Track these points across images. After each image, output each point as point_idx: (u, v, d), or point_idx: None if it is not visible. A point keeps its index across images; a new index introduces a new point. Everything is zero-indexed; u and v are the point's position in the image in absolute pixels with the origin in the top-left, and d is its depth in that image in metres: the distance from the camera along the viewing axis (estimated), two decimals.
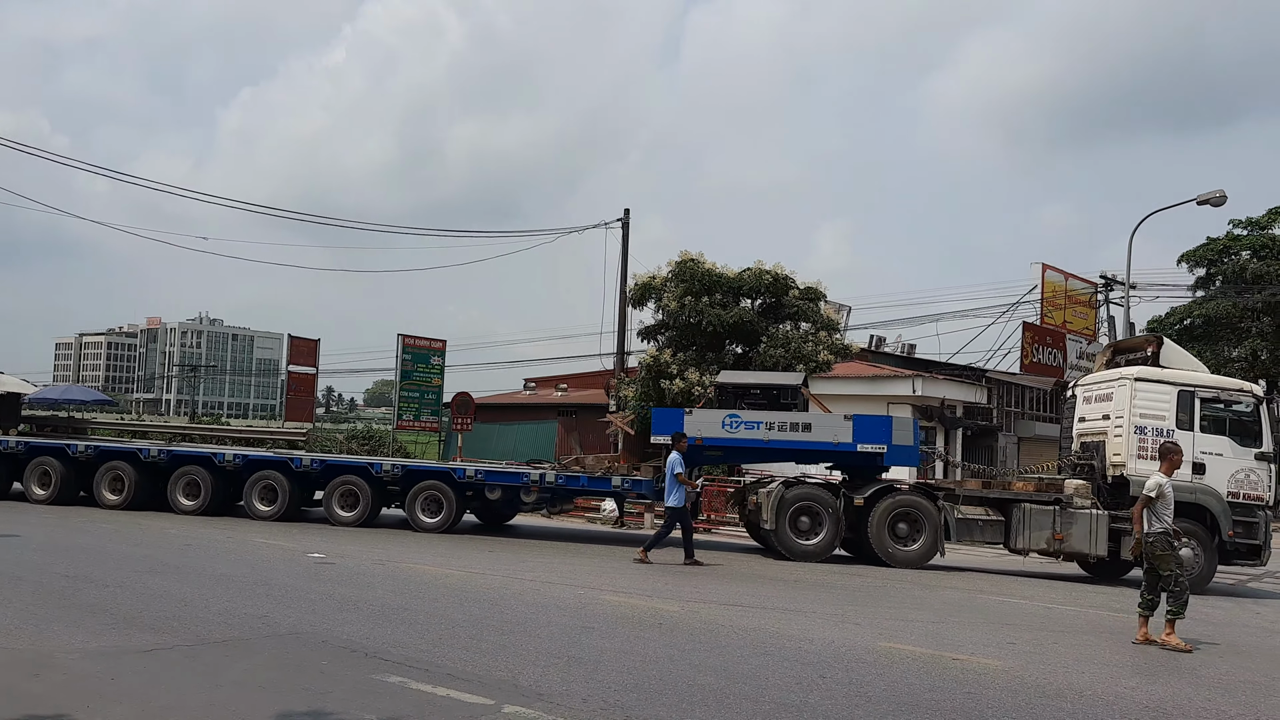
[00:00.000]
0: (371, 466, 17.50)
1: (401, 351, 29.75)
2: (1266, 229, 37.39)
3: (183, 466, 17.92)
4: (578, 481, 17.27)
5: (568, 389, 40.28)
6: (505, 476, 17.44)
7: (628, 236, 29.77)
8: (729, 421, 16.21)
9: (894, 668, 7.77)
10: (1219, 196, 24.52)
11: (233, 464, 17.74)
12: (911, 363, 31.47)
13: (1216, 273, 38.14)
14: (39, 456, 18.34)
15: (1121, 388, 15.46)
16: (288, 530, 16.14)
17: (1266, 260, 36.52)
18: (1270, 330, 36.17)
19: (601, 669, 7.04)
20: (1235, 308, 35.92)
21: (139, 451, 18.11)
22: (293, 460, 17.74)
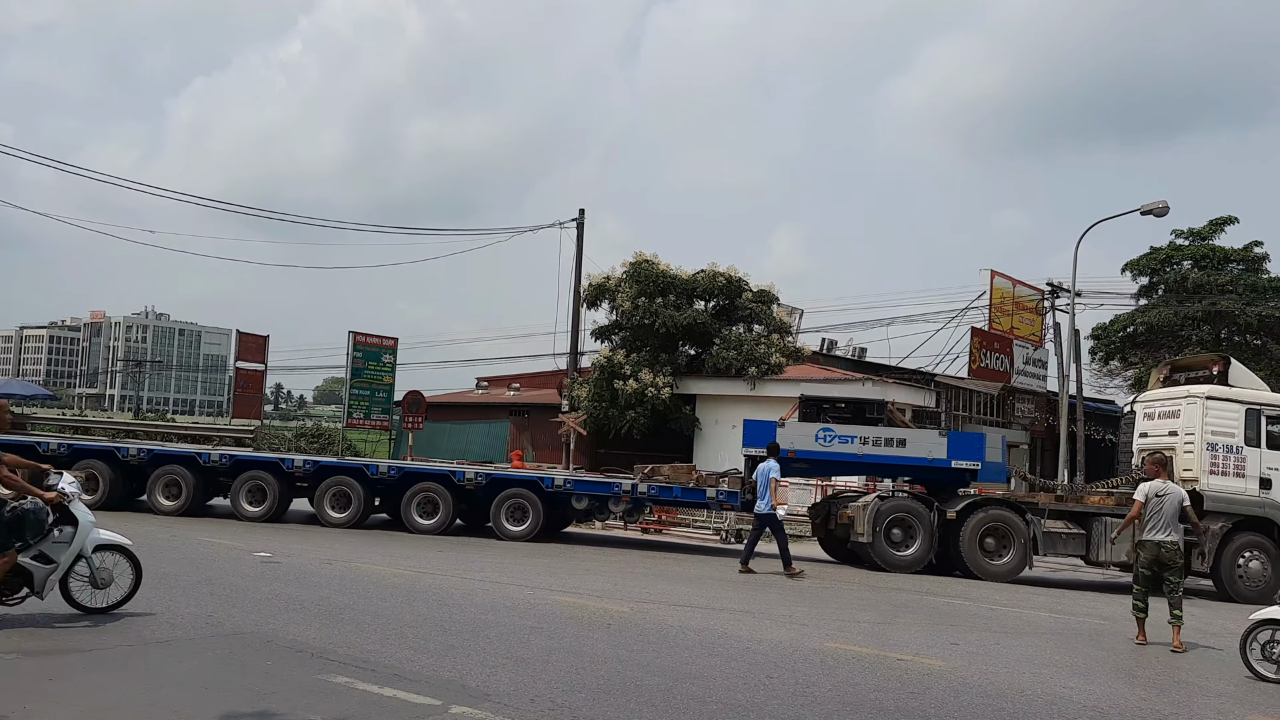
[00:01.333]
0: (454, 475, 17.31)
1: (352, 349, 29.47)
2: (1207, 240, 38.33)
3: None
4: (671, 492, 17.12)
5: (520, 389, 40.12)
6: (595, 486, 17.27)
7: (582, 236, 29.76)
8: (823, 435, 16.56)
9: (840, 668, 7.87)
10: (1161, 207, 25.07)
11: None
12: (862, 366, 31.78)
13: (1159, 281, 39.01)
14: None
15: (1191, 405, 15.97)
16: (233, 529, 15.91)
17: (1207, 270, 37.43)
18: (1210, 339, 37.06)
19: (549, 669, 7.04)
20: (1176, 316, 36.76)
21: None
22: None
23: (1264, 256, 37.81)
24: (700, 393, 28.96)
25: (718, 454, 28.60)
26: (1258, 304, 35.51)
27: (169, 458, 17.61)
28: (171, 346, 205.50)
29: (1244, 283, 36.53)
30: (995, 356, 32.58)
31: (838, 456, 16.55)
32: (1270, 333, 36.14)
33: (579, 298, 29.64)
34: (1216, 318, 36.23)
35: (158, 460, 17.56)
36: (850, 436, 16.46)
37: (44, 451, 17.47)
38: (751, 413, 28.16)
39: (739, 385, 27.94)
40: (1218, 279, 36.78)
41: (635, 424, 27.50)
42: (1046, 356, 34.68)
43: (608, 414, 27.96)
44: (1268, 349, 36.59)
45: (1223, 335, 37.49)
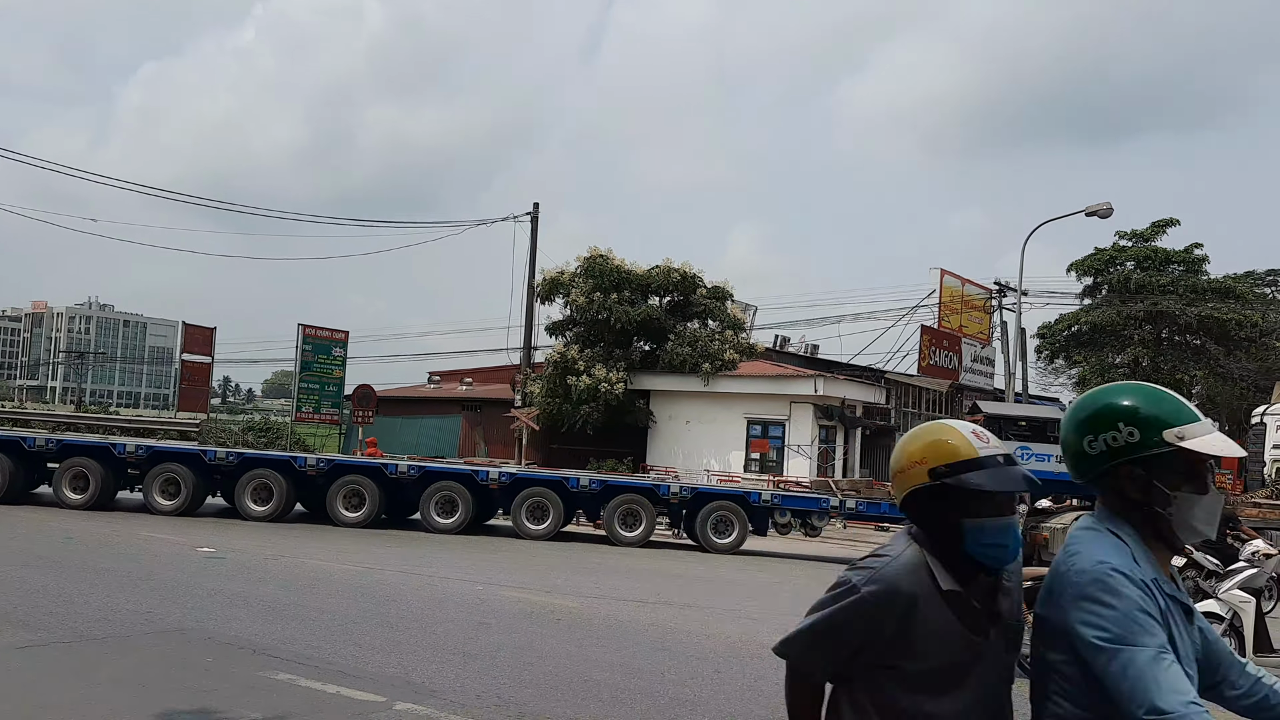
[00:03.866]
0: (567, 481, 17.22)
1: (302, 342, 29.07)
2: (1150, 241, 39.13)
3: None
4: (879, 508, 17.23)
5: (473, 383, 39.85)
6: (800, 501, 17.39)
7: (536, 231, 29.64)
8: (1019, 453, 16.84)
9: None
10: (1106, 209, 25.53)
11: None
12: (814, 363, 32.03)
13: (1103, 282, 39.76)
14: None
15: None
16: (177, 524, 15.59)
17: (1149, 271, 38.21)
18: (1151, 338, 37.88)
19: (497, 665, 7.00)
20: (1120, 316, 37.49)
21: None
22: (568, 481, 17.18)
23: (1203, 259, 38.70)
24: (654, 388, 28.98)
25: (671, 449, 28.71)
26: (1197, 304, 36.33)
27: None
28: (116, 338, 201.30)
29: (1184, 284, 37.35)
30: (944, 354, 33.01)
31: (1033, 474, 16.92)
32: (1209, 333, 37.00)
33: (533, 292, 29.51)
34: (1158, 317, 37.00)
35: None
36: (1047, 455, 16.88)
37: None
38: (705, 409, 28.37)
39: (693, 381, 28.01)
40: (1159, 280, 37.57)
41: (589, 420, 27.45)
42: (994, 355, 35.20)
43: (561, 409, 27.88)
44: (1206, 349, 37.47)
45: (1164, 335, 38.33)
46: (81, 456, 16.64)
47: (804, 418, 27.43)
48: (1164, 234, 39.05)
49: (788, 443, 27.62)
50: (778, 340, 34.11)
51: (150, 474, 16.61)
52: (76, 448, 16.91)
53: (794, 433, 27.53)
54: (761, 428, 28.08)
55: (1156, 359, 38.02)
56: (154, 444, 17.66)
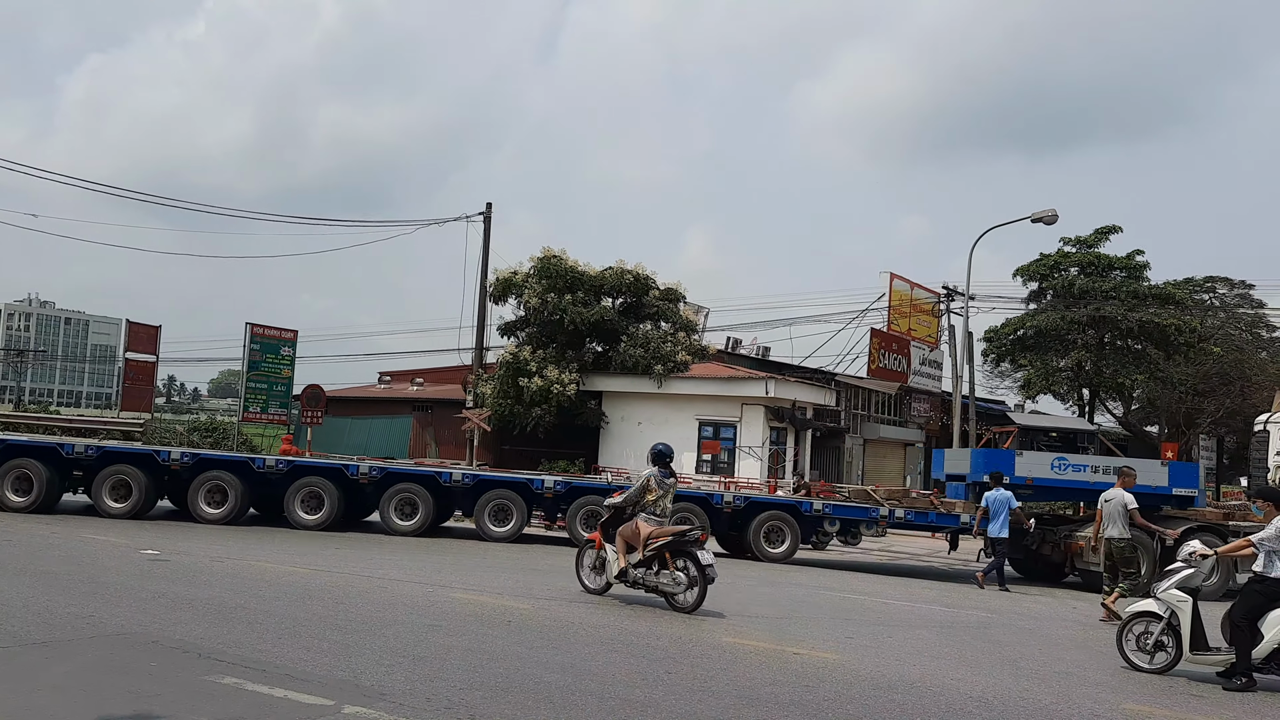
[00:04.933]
0: (711, 498, 17.33)
1: (249, 341, 28.63)
2: (1093, 248, 39.93)
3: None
4: (927, 517, 17.49)
5: (424, 384, 39.58)
6: (851, 510, 17.53)
7: (489, 230, 29.50)
8: (1058, 464, 17.54)
9: (738, 662, 7.97)
10: (1051, 215, 26.03)
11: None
12: (766, 365, 32.28)
13: (1048, 287, 40.47)
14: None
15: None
16: (122, 526, 15.29)
17: (1092, 277, 38.98)
18: (1094, 342, 38.64)
19: (447, 668, 6.97)
20: (1063, 320, 38.20)
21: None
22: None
23: (1144, 265, 39.55)
24: (607, 389, 29.01)
25: (624, 450, 28.72)
26: (1138, 310, 37.13)
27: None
28: (57, 336, 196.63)
29: (1126, 289, 38.16)
30: (893, 357, 33.43)
31: (1070, 484, 17.51)
32: (1149, 337, 37.84)
33: (485, 293, 29.38)
34: (1101, 322, 37.76)
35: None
36: (1083, 465, 17.48)
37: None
38: (658, 410, 28.44)
39: (645, 382, 28.07)
40: (1102, 285, 38.34)
41: (541, 421, 27.39)
42: (941, 358, 35.74)
43: (513, 410, 27.79)
44: (1147, 353, 38.31)
45: (1106, 339, 39.12)
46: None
47: (755, 419, 27.62)
48: (1107, 240, 39.87)
49: (739, 444, 27.79)
50: (730, 342, 34.32)
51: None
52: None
53: (745, 434, 27.71)
54: (713, 429, 28.22)
55: (1099, 363, 38.81)
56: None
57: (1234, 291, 46.03)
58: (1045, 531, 18.00)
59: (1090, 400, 42.54)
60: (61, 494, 16.68)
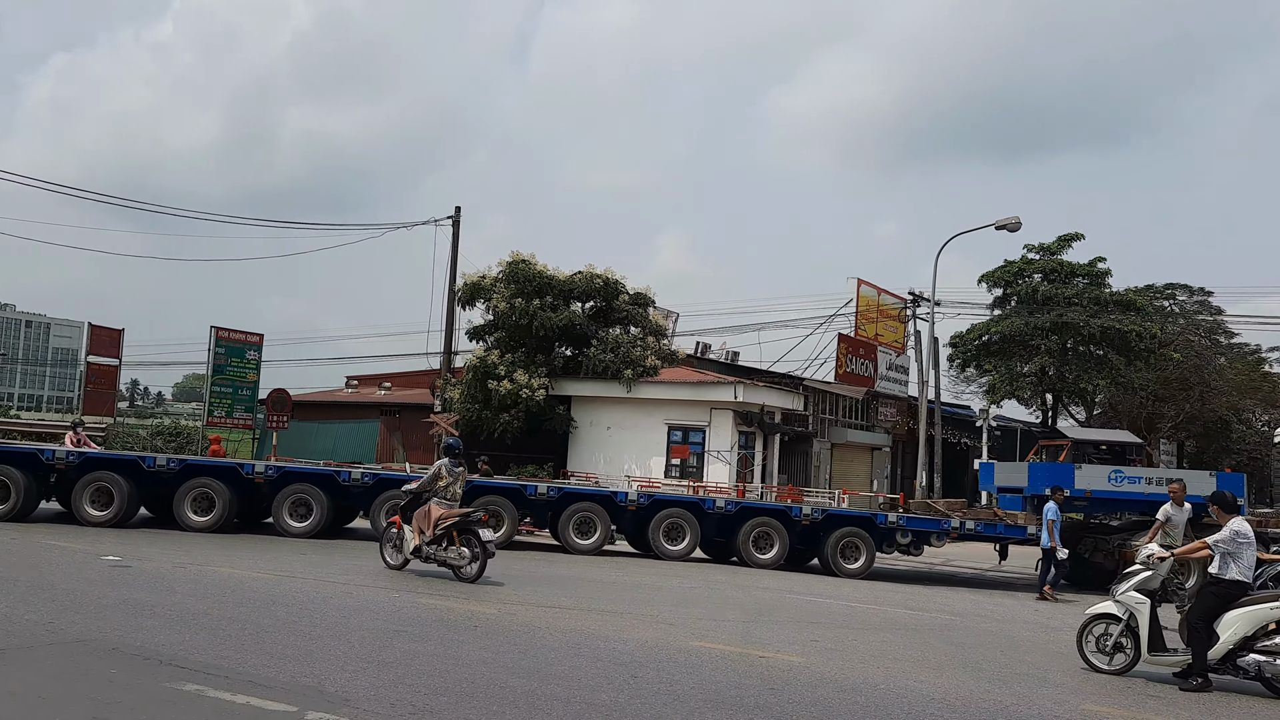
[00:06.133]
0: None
1: (215, 344, 28.39)
2: (1056, 255, 40.45)
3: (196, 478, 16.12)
4: (995, 529, 17.86)
5: (392, 388, 39.38)
6: (923, 523, 17.90)
7: (458, 234, 29.41)
8: (1114, 476, 18.11)
9: (704, 666, 8.01)
10: (1014, 223, 26.34)
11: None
12: (734, 369, 32.38)
13: (1012, 293, 40.94)
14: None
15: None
16: (82, 532, 15.07)
17: (1055, 283, 39.49)
18: (1057, 348, 39.11)
19: (412, 673, 6.95)
20: (1027, 326, 38.65)
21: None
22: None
23: (1106, 272, 40.13)
24: (576, 394, 28.99)
25: (593, 455, 28.72)
26: (1100, 316, 37.65)
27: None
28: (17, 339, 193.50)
29: (1088, 296, 38.68)
30: (860, 362, 33.65)
31: (1125, 495, 17.93)
32: (1111, 343, 38.36)
33: (454, 297, 29.28)
34: (1063, 328, 38.23)
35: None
36: (1138, 477, 17.98)
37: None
38: (627, 415, 28.45)
39: (615, 387, 28.08)
40: (1065, 292, 38.84)
41: (509, 426, 27.32)
42: (908, 363, 36.03)
43: (481, 415, 27.69)
44: (1108, 359, 38.82)
45: (1069, 345, 39.60)
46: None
47: (724, 424, 27.71)
48: (1069, 248, 40.41)
49: (708, 449, 27.86)
50: (699, 347, 34.40)
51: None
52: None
53: (714, 439, 27.78)
54: (682, 433, 28.27)
55: (1062, 369, 39.30)
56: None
57: (1193, 298, 46.84)
58: (1097, 540, 18.41)
59: (1053, 405, 43.07)
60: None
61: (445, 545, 12.03)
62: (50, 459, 15.86)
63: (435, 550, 12.04)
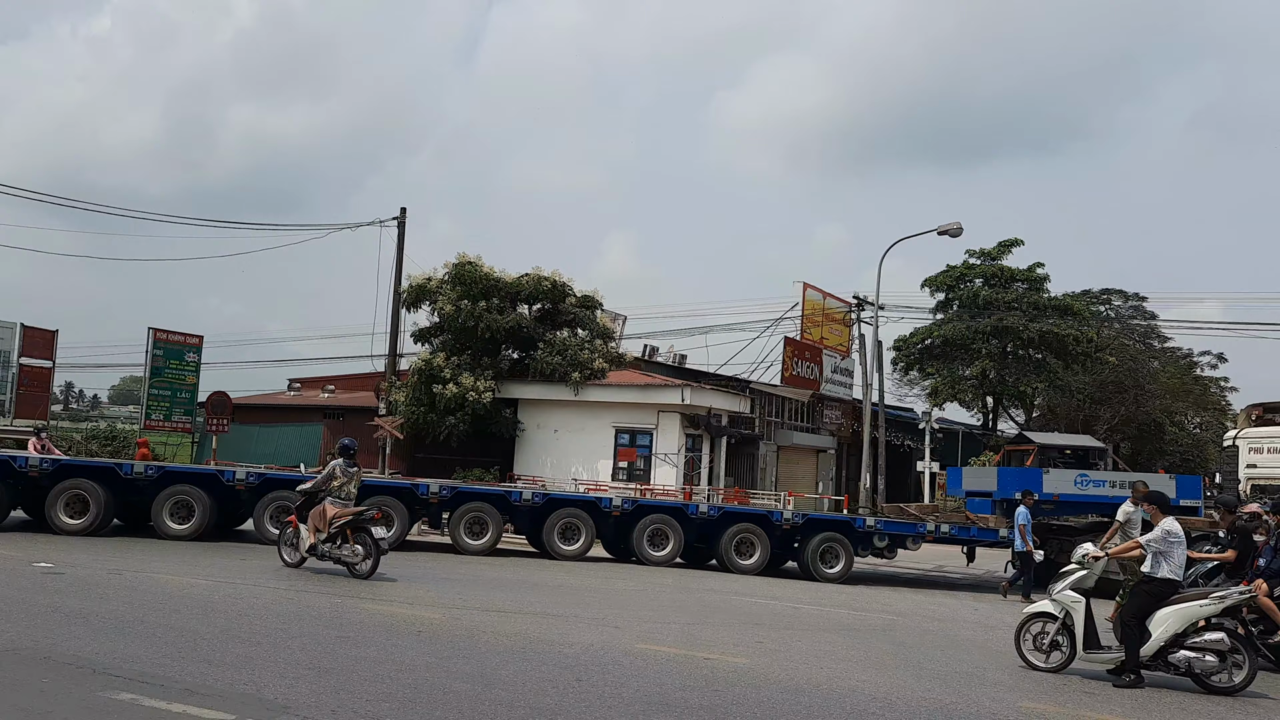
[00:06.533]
0: (771, 515, 17.72)
1: (152, 346, 27.78)
2: (997, 260, 41.24)
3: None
4: (968, 532, 18.24)
5: (335, 390, 38.89)
6: (899, 526, 18.10)
7: (403, 235, 29.13)
8: (1080, 480, 18.60)
9: (649, 669, 8.02)
10: (956, 228, 26.77)
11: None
12: (682, 372, 32.47)
13: (954, 297, 41.69)
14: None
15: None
16: (11, 539, 14.65)
17: (995, 288, 40.27)
18: (997, 351, 39.87)
19: (354, 679, 6.86)
20: (969, 330, 39.36)
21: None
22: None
23: (1045, 277, 41.04)
24: (523, 397, 28.86)
25: (540, 458, 28.62)
26: (1039, 320, 38.46)
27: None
28: None
29: (1027, 300, 39.51)
30: (806, 365, 33.96)
31: (1089, 499, 18.35)
32: (1049, 347, 39.21)
33: (399, 299, 29.00)
34: (1003, 332, 39.00)
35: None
36: (1102, 481, 18.51)
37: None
38: (574, 418, 28.40)
39: (562, 390, 28.02)
40: (1005, 296, 39.63)
41: (455, 429, 27.12)
42: (853, 366, 36.43)
43: (426, 418, 27.46)
44: (1047, 362, 39.67)
45: (1009, 349, 40.39)
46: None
47: (671, 427, 27.78)
48: (1009, 253, 41.24)
49: (655, 451, 27.91)
50: (646, 350, 34.46)
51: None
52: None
53: (661, 441, 27.84)
54: (630, 436, 28.29)
55: (1002, 372, 40.06)
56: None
57: (1128, 303, 48.05)
58: (1062, 542, 18.83)
59: (994, 408, 43.86)
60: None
61: (340, 543, 12.30)
62: (23, 467, 15.47)
63: (330, 548, 12.29)
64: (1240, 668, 8.76)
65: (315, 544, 12.37)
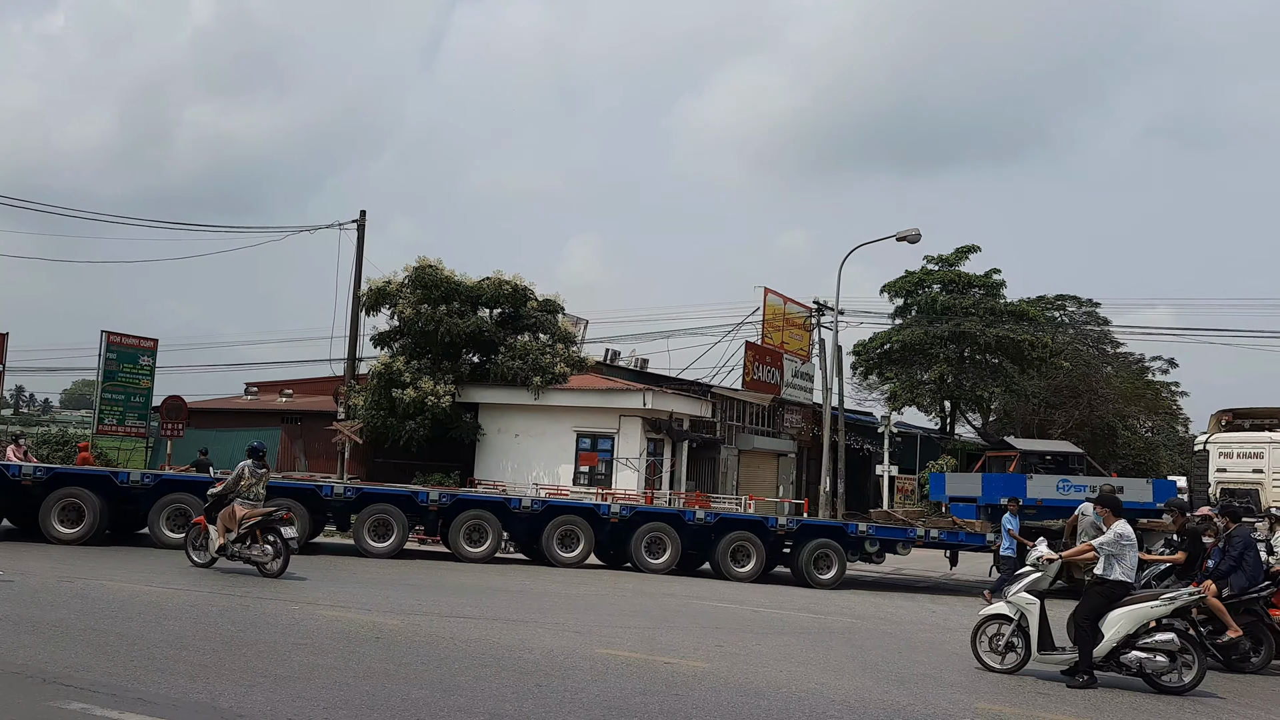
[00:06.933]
0: (766, 521, 17.87)
1: (106, 350, 27.30)
2: (954, 266, 41.71)
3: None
4: (957, 537, 18.44)
5: (293, 395, 38.43)
6: (889, 531, 18.26)
7: (363, 238, 28.88)
8: (1062, 485, 19.10)
9: (609, 673, 8.02)
10: (914, 234, 27.04)
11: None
12: (644, 377, 32.48)
13: (912, 303, 42.09)
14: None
15: (1278, 449, 19.53)
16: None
17: (953, 294, 40.73)
18: (955, 356, 40.34)
19: (311, 687, 6.79)
20: (927, 335, 39.77)
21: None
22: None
23: (1001, 283, 41.56)
24: (483, 401, 28.72)
25: (500, 463, 28.50)
26: (995, 326, 38.96)
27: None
28: None
29: (984, 306, 39.99)
30: (767, 370, 34.13)
31: (1072, 504, 18.28)
32: (1005, 352, 39.72)
33: (358, 302, 28.75)
34: (961, 338, 39.46)
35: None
36: (1083, 486, 18.83)
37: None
38: (535, 422, 28.31)
39: (523, 394, 27.91)
40: (962, 302, 40.08)
41: (415, 434, 26.92)
42: (813, 371, 36.67)
43: (386, 423, 27.23)
44: (1003, 367, 40.20)
45: (966, 354, 40.87)
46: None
47: (633, 431, 27.78)
48: (967, 259, 41.71)
49: (617, 455, 27.90)
50: (608, 354, 34.43)
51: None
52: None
53: (623, 446, 27.83)
54: (591, 441, 28.25)
55: (960, 376, 40.52)
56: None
57: (1082, 309, 48.87)
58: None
59: (951, 412, 44.35)
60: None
61: (249, 543, 12.50)
62: (16, 475, 15.25)
63: (240, 548, 12.48)
64: (1190, 668, 8.93)
65: (225, 544, 12.52)
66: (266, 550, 12.48)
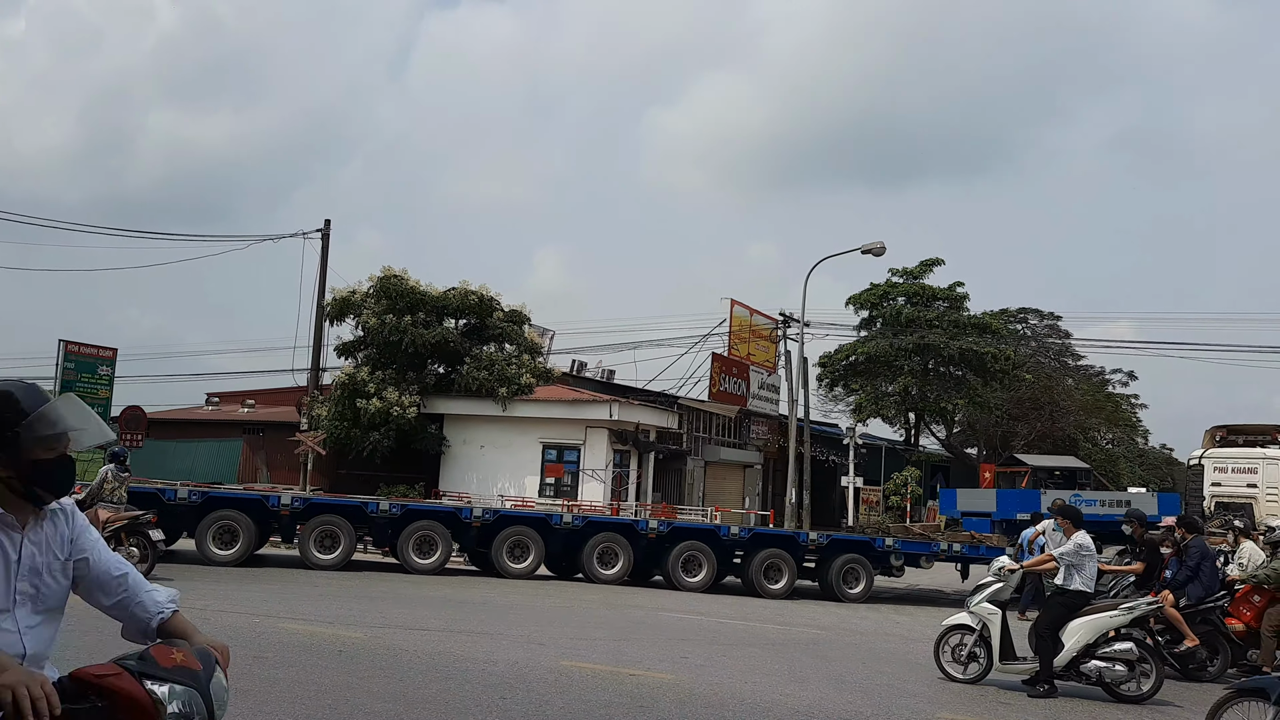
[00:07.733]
0: (798, 537, 18.13)
1: (63, 359, 26.86)
2: (919, 279, 42.15)
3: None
4: (977, 550, 18.60)
5: (256, 405, 38.02)
6: (915, 545, 18.60)
7: (327, 248, 28.69)
8: (1074, 499, 19.09)
9: (574, 686, 7.98)
10: (879, 247, 27.31)
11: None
12: (610, 388, 32.49)
13: (878, 315, 42.46)
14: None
15: (1272, 465, 19.77)
16: None
17: (917, 306, 41.15)
18: (919, 369, 40.71)
19: (270, 701, 6.70)
20: (892, 348, 40.12)
21: None
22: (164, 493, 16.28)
23: (965, 296, 42.07)
24: (449, 412, 28.57)
25: (465, 474, 28.33)
26: (959, 338, 39.39)
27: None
28: None
29: (948, 319, 40.44)
30: (733, 381, 34.24)
31: (1085, 517, 19.14)
32: (969, 364, 40.16)
33: (323, 312, 28.52)
34: (925, 350, 39.84)
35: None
36: (1094, 500, 19.43)
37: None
38: (501, 433, 28.19)
39: (489, 405, 27.79)
40: (926, 315, 40.50)
41: (379, 445, 26.71)
42: (779, 382, 36.84)
43: (350, 434, 27.00)
44: (966, 379, 40.62)
45: (930, 366, 41.27)
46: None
47: (599, 442, 27.74)
48: (931, 272, 42.17)
49: (583, 467, 27.85)
50: (574, 365, 34.40)
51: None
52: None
53: (589, 457, 27.79)
54: (557, 452, 28.18)
55: (924, 388, 40.89)
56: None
57: (1044, 322, 49.53)
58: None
59: (916, 423, 44.74)
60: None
61: (114, 546, 12.60)
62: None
63: None
64: (1148, 676, 9.04)
65: None
66: (133, 553, 12.52)
